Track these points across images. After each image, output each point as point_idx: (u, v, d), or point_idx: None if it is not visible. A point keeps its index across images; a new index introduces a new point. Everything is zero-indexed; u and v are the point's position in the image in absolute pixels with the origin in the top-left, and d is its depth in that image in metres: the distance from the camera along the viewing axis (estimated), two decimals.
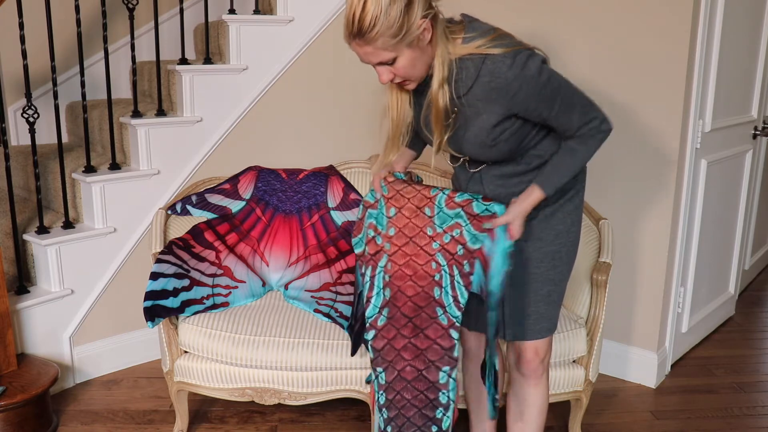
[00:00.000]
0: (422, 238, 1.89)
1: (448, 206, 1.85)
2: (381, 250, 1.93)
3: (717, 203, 3.02)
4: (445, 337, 1.89)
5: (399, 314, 1.91)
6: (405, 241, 1.90)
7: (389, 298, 1.92)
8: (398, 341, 1.92)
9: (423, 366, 1.92)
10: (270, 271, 2.58)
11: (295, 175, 2.75)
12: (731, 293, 3.41)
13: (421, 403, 1.93)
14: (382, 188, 1.93)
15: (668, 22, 2.53)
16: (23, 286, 2.65)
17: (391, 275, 1.91)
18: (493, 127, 1.69)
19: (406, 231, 1.90)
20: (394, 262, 1.91)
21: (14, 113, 3.30)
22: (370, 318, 1.95)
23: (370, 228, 1.96)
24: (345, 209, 2.70)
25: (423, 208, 1.89)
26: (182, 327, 2.27)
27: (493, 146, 1.73)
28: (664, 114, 2.61)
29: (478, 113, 1.68)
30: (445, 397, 1.93)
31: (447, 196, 1.86)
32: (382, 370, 1.95)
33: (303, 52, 3.01)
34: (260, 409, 2.60)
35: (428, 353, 1.91)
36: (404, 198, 1.91)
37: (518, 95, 1.63)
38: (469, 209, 1.83)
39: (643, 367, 2.83)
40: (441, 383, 1.92)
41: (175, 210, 2.60)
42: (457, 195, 1.85)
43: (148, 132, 2.82)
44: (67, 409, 2.60)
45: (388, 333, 1.93)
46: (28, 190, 3.02)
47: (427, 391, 1.93)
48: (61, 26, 2.94)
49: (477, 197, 1.82)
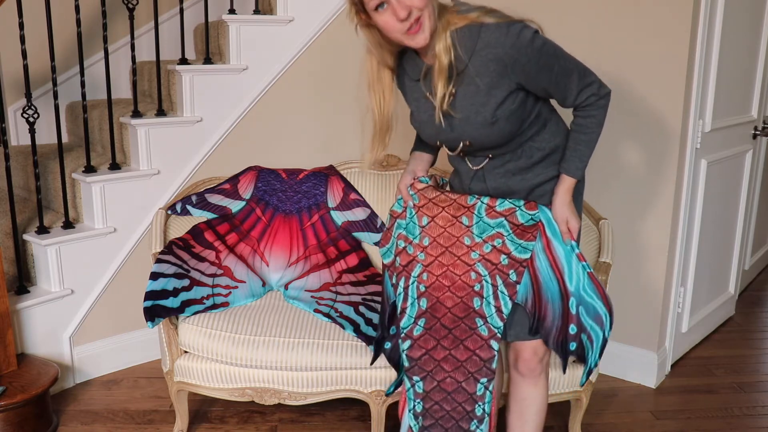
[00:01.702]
0: (459, 247, 1.86)
1: (488, 215, 1.83)
2: (414, 260, 1.91)
3: (717, 203, 3.01)
4: (484, 348, 1.87)
5: (439, 325, 1.90)
6: (441, 251, 1.88)
7: (426, 309, 1.90)
8: (438, 352, 1.91)
9: (463, 378, 1.91)
10: (270, 271, 2.58)
11: (295, 175, 2.75)
12: (731, 293, 3.41)
13: (458, 415, 1.93)
14: (412, 197, 1.93)
15: (668, 22, 2.53)
16: (23, 286, 2.65)
17: (427, 286, 1.89)
18: (495, 103, 1.69)
19: (442, 240, 1.88)
20: (431, 273, 1.89)
21: (14, 113, 3.30)
22: (406, 328, 1.93)
23: (399, 239, 1.95)
24: (345, 209, 2.70)
25: (460, 217, 1.86)
26: (182, 327, 2.27)
27: (494, 123, 1.71)
28: (664, 114, 2.61)
29: (478, 90, 1.69)
30: (480, 409, 1.92)
31: (486, 205, 1.84)
32: (419, 379, 1.94)
33: (303, 52, 3.01)
34: (260, 409, 2.60)
35: (468, 365, 1.89)
36: (438, 206, 1.89)
37: (516, 64, 1.64)
38: (512, 218, 1.81)
39: (643, 367, 2.83)
40: (478, 395, 1.91)
41: (175, 210, 2.61)
42: (498, 203, 1.83)
43: (148, 132, 2.82)
44: (67, 409, 2.60)
45: (426, 343, 1.92)
46: (28, 190, 3.02)
47: (465, 403, 1.92)
48: (61, 26, 2.94)
49: (519, 205, 1.81)
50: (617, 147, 2.68)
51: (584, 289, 1.81)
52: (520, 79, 1.68)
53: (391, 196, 2.76)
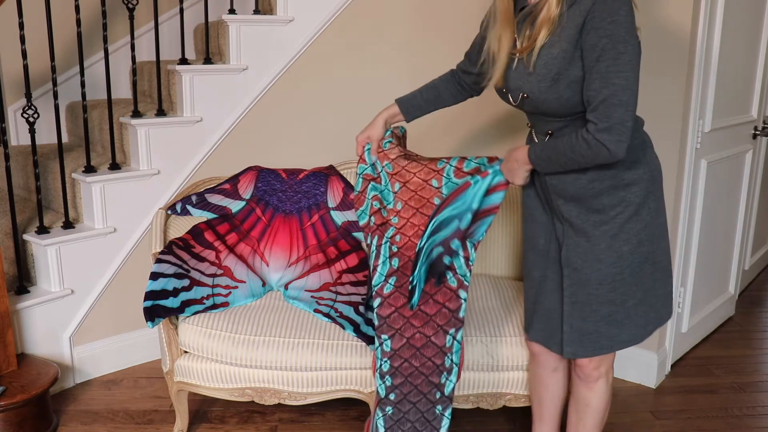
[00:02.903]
0: (429, 208, 1.98)
1: (456, 176, 1.96)
2: (387, 222, 2.01)
3: (717, 203, 3.01)
4: (453, 299, 1.95)
5: (408, 282, 1.96)
6: (412, 213, 1.99)
7: (397, 268, 1.98)
8: (407, 309, 1.96)
9: (432, 332, 1.96)
10: (270, 271, 2.58)
11: (295, 175, 2.75)
12: (731, 293, 3.41)
13: (428, 370, 1.97)
14: (386, 165, 2.02)
15: (668, 22, 2.53)
16: (23, 286, 2.65)
17: (399, 246, 1.98)
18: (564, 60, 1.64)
19: (413, 203, 1.99)
20: (404, 234, 1.98)
21: (14, 113, 3.30)
22: (377, 286, 1.98)
23: (374, 200, 2.04)
24: (345, 209, 2.70)
25: (429, 180, 1.99)
26: (182, 327, 2.27)
27: (556, 80, 1.65)
28: (664, 114, 2.61)
29: (556, 42, 1.65)
30: (449, 360, 1.96)
31: (455, 168, 1.97)
32: (387, 338, 1.97)
33: (303, 52, 3.01)
34: (260, 409, 2.60)
35: (437, 318, 1.96)
36: (410, 173, 2.01)
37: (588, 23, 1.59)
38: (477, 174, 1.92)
39: (643, 367, 2.83)
40: (447, 347, 1.96)
41: (175, 210, 2.61)
42: (465, 163, 1.96)
43: (148, 132, 2.82)
44: (67, 409, 2.60)
45: (396, 301, 1.97)
46: (28, 190, 3.02)
47: (434, 357, 1.96)
48: (61, 26, 2.94)
49: (483, 162, 1.94)
50: None
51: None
52: (581, 42, 1.61)
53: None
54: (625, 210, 1.76)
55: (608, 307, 1.81)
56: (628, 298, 1.81)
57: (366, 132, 2.10)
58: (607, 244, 1.77)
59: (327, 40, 3.03)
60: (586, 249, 1.78)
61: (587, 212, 1.78)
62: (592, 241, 1.78)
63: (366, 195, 2.04)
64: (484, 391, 2.27)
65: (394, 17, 3.05)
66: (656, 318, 1.90)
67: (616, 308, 1.81)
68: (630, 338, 1.85)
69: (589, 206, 1.77)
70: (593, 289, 1.80)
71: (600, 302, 1.80)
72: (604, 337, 1.84)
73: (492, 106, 2.98)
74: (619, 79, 1.58)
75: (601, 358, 1.89)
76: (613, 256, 1.77)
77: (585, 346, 1.85)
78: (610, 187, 1.75)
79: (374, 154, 2.08)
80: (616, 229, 1.76)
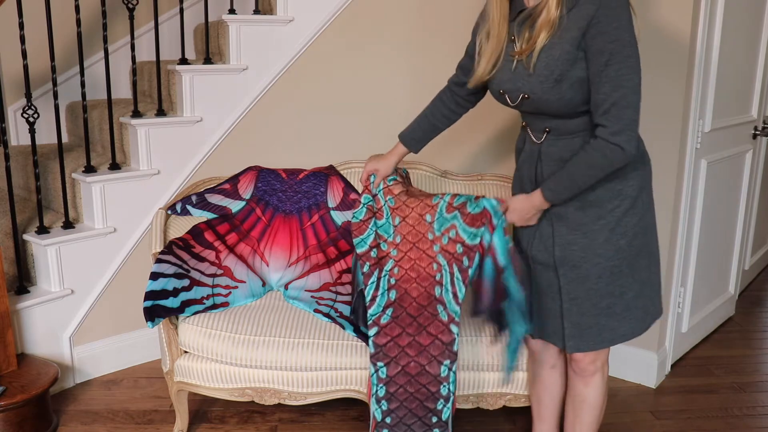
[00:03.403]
0: (424, 242, 2.08)
1: (447, 211, 2.05)
2: (387, 255, 2.12)
3: (717, 203, 3.01)
4: (445, 333, 2.04)
5: (405, 314, 2.07)
6: (410, 247, 2.10)
7: (395, 300, 2.08)
8: (403, 339, 2.06)
9: (426, 361, 2.05)
10: (270, 271, 2.58)
11: (295, 175, 2.75)
12: (731, 293, 3.41)
13: (423, 396, 2.06)
14: (388, 200, 2.12)
15: (668, 22, 2.53)
16: (23, 286, 2.65)
17: (397, 279, 2.09)
18: (566, 61, 1.66)
19: (410, 237, 2.10)
20: (401, 267, 2.10)
21: (14, 113, 3.30)
22: (374, 316, 2.07)
23: (375, 234, 2.15)
24: (345, 209, 2.70)
25: (424, 215, 2.09)
26: (182, 327, 2.27)
27: (559, 81, 1.68)
28: (664, 114, 2.61)
29: (557, 43, 1.67)
30: (446, 389, 2.06)
31: (447, 203, 2.05)
32: (383, 365, 2.07)
33: (303, 52, 3.01)
34: (260, 409, 2.60)
35: (431, 348, 2.05)
36: (408, 208, 2.12)
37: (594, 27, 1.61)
38: (463, 210, 2.01)
39: (643, 367, 2.83)
40: (442, 376, 2.05)
41: (175, 210, 2.61)
42: (455, 199, 2.04)
43: (148, 132, 2.82)
44: (67, 409, 2.60)
45: (392, 331, 2.07)
46: (28, 190, 3.02)
47: (429, 385, 2.06)
48: (61, 26, 2.94)
49: (470, 198, 2.00)
50: None
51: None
52: (586, 46, 1.64)
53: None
54: (622, 203, 1.80)
55: (608, 299, 1.84)
56: (627, 290, 1.85)
57: (375, 164, 2.18)
58: (605, 238, 1.80)
59: (327, 40, 3.03)
60: (583, 245, 1.81)
61: (584, 206, 1.81)
62: (589, 236, 1.80)
63: (368, 225, 2.15)
64: (484, 391, 2.27)
65: (394, 17, 3.05)
66: (654, 311, 1.94)
67: (615, 300, 1.84)
68: (630, 331, 1.88)
69: (585, 200, 1.80)
70: (593, 284, 1.83)
71: (600, 296, 1.83)
72: (605, 330, 1.86)
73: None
74: (627, 81, 1.63)
75: (597, 352, 1.91)
76: (612, 249, 1.81)
77: (586, 339, 1.87)
78: (605, 179, 1.77)
79: (376, 186, 2.18)
80: (614, 222, 1.80)
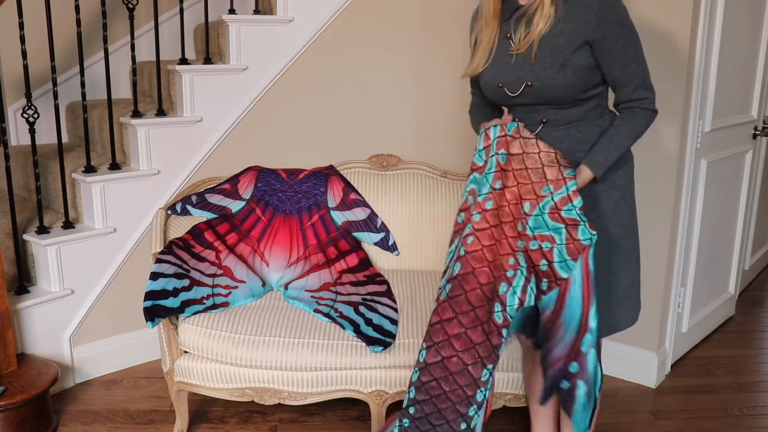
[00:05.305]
0: (511, 229, 1.75)
1: (551, 215, 1.72)
2: (470, 219, 1.79)
3: (717, 203, 3.01)
4: (495, 335, 1.76)
5: (464, 298, 1.77)
6: (496, 223, 1.76)
7: (456, 275, 1.77)
8: (453, 326, 1.78)
9: (471, 361, 1.78)
10: (270, 271, 2.58)
11: (295, 175, 2.75)
12: (731, 293, 3.41)
13: (457, 398, 1.80)
14: (501, 153, 1.79)
15: (668, 22, 2.53)
16: (23, 286, 2.65)
17: (468, 251, 1.76)
18: (571, 48, 1.74)
19: (501, 213, 1.77)
20: (478, 240, 1.76)
21: (14, 113, 3.30)
22: (440, 288, 1.83)
23: (470, 194, 1.83)
24: (345, 209, 2.70)
25: (524, 201, 1.75)
26: (182, 327, 2.27)
27: (564, 66, 1.74)
28: (664, 114, 2.60)
29: (560, 32, 1.74)
30: (482, 395, 1.80)
31: (554, 204, 1.72)
32: (425, 347, 1.81)
33: (303, 52, 3.01)
34: (260, 409, 2.60)
35: (480, 348, 1.77)
36: (515, 180, 1.77)
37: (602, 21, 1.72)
38: (573, 231, 1.70)
39: (643, 367, 2.83)
40: (482, 380, 1.79)
41: (175, 210, 2.61)
42: (565, 208, 1.71)
43: (148, 132, 2.82)
44: (67, 409, 2.60)
45: (443, 312, 1.78)
46: (28, 190, 3.02)
47: (467, 387, 1.80)
48: (61, 26, 2.94)
49: (584, 220, 1.70)
50: None
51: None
52: (597, 36, 1.73)
53: (390, 196, 2.76)
54: (614, 192, 1.84)
55: (603, 289, 1.85)
56: (621, 278, 1.88)
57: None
58: (602, 227, 1.83)
59: (327, 40, 3.03)
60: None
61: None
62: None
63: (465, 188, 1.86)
64: None
65: (394, 17, 3.05)
66: (639, 302, 1.97)
67: (609, 289, 1.86)
68: (624, 319, 1.92)
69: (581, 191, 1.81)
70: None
71: (597, 284, 1.83)
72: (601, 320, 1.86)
73: None
74: (642, 57, 1.80)
75: None
76: (606, 238, 1.83)
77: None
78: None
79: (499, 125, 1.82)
80: (610, 211, 1.84)
